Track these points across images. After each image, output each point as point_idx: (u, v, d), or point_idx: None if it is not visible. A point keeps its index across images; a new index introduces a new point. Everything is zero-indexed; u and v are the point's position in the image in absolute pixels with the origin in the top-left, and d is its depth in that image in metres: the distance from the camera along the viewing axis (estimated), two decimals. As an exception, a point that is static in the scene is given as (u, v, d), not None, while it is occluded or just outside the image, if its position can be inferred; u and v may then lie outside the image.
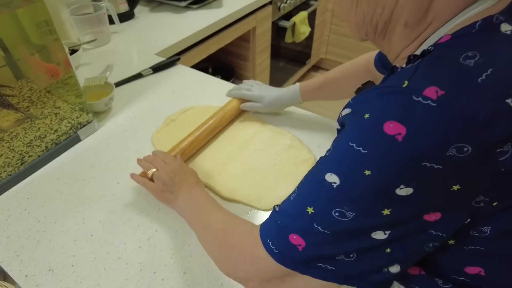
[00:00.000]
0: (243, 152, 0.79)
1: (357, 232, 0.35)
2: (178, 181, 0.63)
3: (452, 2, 0.35)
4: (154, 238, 0.63)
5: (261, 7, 1.61)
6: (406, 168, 0.31)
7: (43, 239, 0.62)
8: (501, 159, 0.30)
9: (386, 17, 0.40)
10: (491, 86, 0.30)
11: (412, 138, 0.30)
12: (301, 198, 0.38)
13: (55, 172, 0.75)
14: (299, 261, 0.38)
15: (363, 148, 0.32)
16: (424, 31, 0.39)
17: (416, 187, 0.32)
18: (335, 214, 0.35)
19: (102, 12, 1.17)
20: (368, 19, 0.41)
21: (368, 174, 0.32)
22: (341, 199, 0.34)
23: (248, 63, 1.79)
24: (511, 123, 0.30)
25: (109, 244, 0.62)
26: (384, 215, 0.34)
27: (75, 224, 0.65)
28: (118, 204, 0.68)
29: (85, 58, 1.13)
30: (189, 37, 1.24)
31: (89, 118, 0.84)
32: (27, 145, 0.75)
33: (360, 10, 0.42)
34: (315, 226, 0.36)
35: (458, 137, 0.30)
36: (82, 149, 0.81)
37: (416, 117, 0.30)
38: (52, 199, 0.69)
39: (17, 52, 0.70)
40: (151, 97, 0.97)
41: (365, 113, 0.33)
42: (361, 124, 0.33)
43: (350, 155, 0.33)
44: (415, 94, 0.31)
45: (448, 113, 0.30)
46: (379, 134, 0.31)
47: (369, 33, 0.43)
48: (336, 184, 0.34)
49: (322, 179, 0.36)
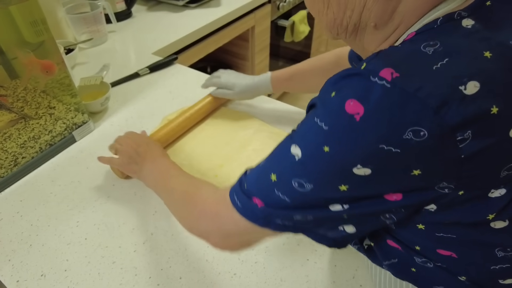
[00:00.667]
0: (241, 153, 0.78)
1: (315, 202, 0.37)
2: (142, 152, 0.66)
3: (418, 4, 0.37)
4: (149, 241, 0.61)
5: (260, 6, 1.59)
6: (363, 148, 0.32)
7: (36, 243, 0.61)
8: (461, 146, 0.31)
9: (355, 19, 0.41)
10: (445, 74, 0.31)
11: (368, 118, 0.31)
12: (268, 166, 0.40)
13: (49, 174, 0.74)
14: (259, 217, 0.40)
15: (324, 124, 0.34)
16: (394, 31, 0.40)
17: (374, 168, 0.33)
18: (294, 184, 0.36)
19: (99, 11, 1.15)
20: (339, 21, 0.43)
21: (327, 151, 0.34)
22: (301, 171, 0.36)
23: (247, 62, 1.77)
24: (466, 109, 0.30)
25: (103, 248, 0.60)
26: (342, 191, 0.35)
27: (69, 227, 0.63)
28: (113, 207, 0.67)
29: (81, 57, 1.11)
30: (186, 36, 1.22)
31: (85, 119, 0.82)
32: (20, 146, 0.73)
33: (331, 12, 0.43)
34: (275, 192, 0.38)
35: (412, 120, 0.30)
36: (77, 150, 0.79)
37: (373, 97, 0.31)
38: (45, 202, 0.68)
39: (11, 51, 0.69)
40: (148, 97, 0.95)
41: (332, 91, 0.34)
42: (327, 101, 0.35)
43: (314, 130, 0.35)
44: (372, 74, 0.32)
45: (401, 95, 0.30)
46: (340, 111, 0.32)
47: (341, 33, 0.45)
48: (298, 157, 0.36)
49: (288, 150, 0.37)
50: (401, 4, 0.38)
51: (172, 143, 0.81)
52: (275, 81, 0.83)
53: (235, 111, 0.90)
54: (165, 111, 0.90)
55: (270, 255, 0.59)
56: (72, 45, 1.08)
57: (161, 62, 1.06)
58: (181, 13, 1.37)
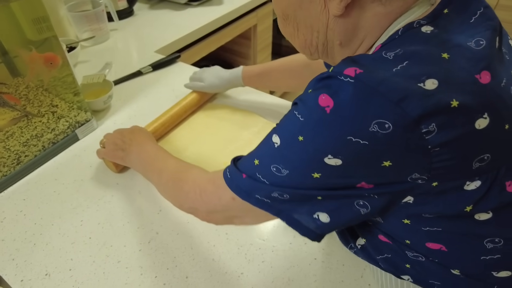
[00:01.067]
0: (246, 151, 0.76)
1: (290, 185, 0.39)
2: (128, 139, 0.68)
3: (378, 18, 0.40)
4: (155, 240, 0.60)
5: (262, 4, 1.58)
6: (333, 139, 0.34)
7: (40, 242, 0.60)
8: (427, 137, 0.32)
9: (322, 39, 0.45)
10: (405, 73, 0.33)
11: (337, 111, 0.33)
12: (254, 152, 0.44)
13: (52, 172, 0.73)
14: (242, 189, 0.43)
15: (301, 116, 0.36)
16: (360, 45, 0.43)
17: (344, 159, 0.35)
18: (272, 169, 0.39)
19: (101, 9, 1.14)
20: (309, 42, 0.46)
21: (301, 140, 0.36)
22: (278, 158, 0.39)
23: (249, 61, 1.77)
24: (426, 102, 0.31)
25: (108, 247, 0.59)
26: (315, 178, 0.37)
27: (73, 226, 0.63)
28: (118, 205, 0.66)
29: (84, 55, 1.11)
30: (189, 34, 1.22)
31: (87, 117, 0.81)
32: (23, 144, 0.72)
33: (301, 34, 0.46)
34: (257, 175, 0.41)
35: (376, 113, 0.32)
36: (80, 149, 0.78)
37: (341, 92, 0.33)
38: (49, 201, 0.67)
39: (13, 49, 0.68)
40: (150, 95, 0.95)
41: (309, 89, 0.38)
42: (305, 97, 0.37)
43: (292, 121, 0.38)
44: (338, 74, 0.34)
45: (364, 88, 0.32)
46: (314, 104, 0.35)
47: (313, 53, 0.48)
48: (277, 145, 0.39)
49: (270, 139, 0.40)
50: (361, 21, 0.40)
51: (176, 143, 0.80)
52: (246, 76, 0.85)
53: (239, 110, 0.89)
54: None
55: (277, 254, 0.59)
56: (74, 43, 1.07)
57: (164, 60, 1.06)
58: (183, 11, 1.36)
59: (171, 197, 0.56)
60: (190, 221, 0.63)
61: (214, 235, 0.61)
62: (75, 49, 1.04)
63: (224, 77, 0.86)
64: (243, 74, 0.85)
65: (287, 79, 0.83)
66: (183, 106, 0.85)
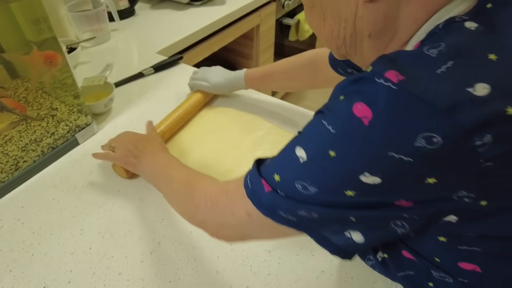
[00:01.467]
0: (250, 157, 0.75)
1: (319, 203, 0.35)
2: (141, 146, 0.66)
3: (415, 8, 0.35)
4: (157, 251, 0.58)
5: (265, 4, 1.56)
6: (372, 155, 0.30)
7: (38, 252, 0.58)
8: (480, 151, 0.28)
9: (350, 30, 0.40)
10: (451, 77, 0.29)
11: (377, 123, 0.29)
12: (273, 165, 0.39)
13: (51, 178, 0.71)
14: (263, 204, 0.39)
15: (332, 127, 0.32)
16: (392, 39, 0.39)
17: (383, 177, 0.31)
18: (298, 186, 0.35)
19: (102, 9, 1.12)
20: (336, 33, 0.42)
21: (333, 155, 0.32)
22: (305, 174, 0.35)
23: (252, 61, 1.74)
24: (480, 110, 0.28)
25: (109, 258, 0.57)
26: (348, 196, 0.33)
27: (72, 236, 0.61)
28: (119, 214, 0.64)
29: (84, 56, 1.08)
30: (191, 35, 1.19)
31: (88, 121, 0.79)
32: (22, 149, 0.70)
33: (328, 24, 0.42)
34: (279, 192, 0.37)
35: (423, 125, 0.28)
36: (81, 154, 0.76)
37: (380, 100, 0.30)
38: (48, 208, 0.65)
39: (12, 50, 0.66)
40: (152, 97, 0.92)
41: (340, 95, 0.33)
42: (335, 105, 0.33)
43: (320, 132, 0.34)
44: (377, 75, 0.30)
45: (408, 98, 0.29)
46: (348, 115, 0.31)
47: (340, 47, 0.43)
48: (303, 160, 0.35)
49: (293, 151, 0.36)
50: (395, 9, 0.36)
51: (179, 147, 0.78)
52: (248, 78, 0.83)
53: (242, 113, 0.87)
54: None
55: (284, 267, 0.57)
56: (74, 44, 1.05)
57: (166, 61, 1.03)
58: (185, 11, 1.34)
59: (181, 208, 0.53)
60: (193, 231, 0.61)
61: (218, 246, 0.59)
62: (76, 50, 1.02)
63: (229, 79, 0.85)
64: (245, 77, 0.84)
65: (289, 80, 0.82)
66: (188, 108, 0.84)
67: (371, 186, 0.31)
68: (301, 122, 0.84)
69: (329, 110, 0.34)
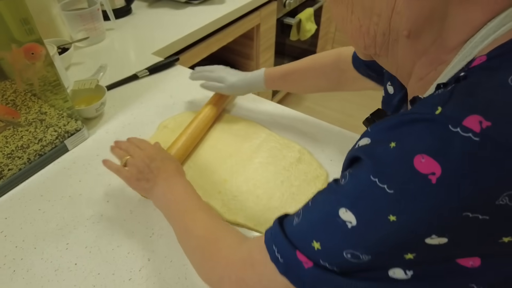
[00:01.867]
0: (247, 166, 0.71)
1: (371, 270, 0.31)
2: (155, 168, 0.57)
3: (468, 7, 0.29)
4: (146, 268, 0.55)
5: (265, 3, 1.52)
6: (442, 217, 0.26)
7: (20, 269, 0.55)
8: None
9: (383, 26, 0.34)
10: None
11: (449, 181, 0.24)
12: (308, 229, 0.33)
13: (38, 187, 0.68)
14: (305, 282, 0.33)
15: (388, 186, 0.27)
16: (434, 43, 0.33)
17: (452, 237, 0.26)
18: (346, 255, 0.30)
19: (96, 8, 1.08)
20: (365, 29, 0.36)
21: (393, 220, 0.27)
22: (356, 242, 0.30)
23: (252, 61, 1.71)
24: None
25: (95, 275, 0.54)
26: (407, 259, 0.29)
27: (57, 251, 0.57)
28: (107, 227, 0.61)
29: (77, 57, 1.05)
30: (189, 35, 1.16)
31: (78, 126, 0.76)
32: (7, 156, 0.67)
33: (356, 18, 0.36)
34: (321, 262, 0.31)
35: (510, 180, 0.23)
36: (70, 161, 0.73)
37: (454, 153, 0.24)
38: (33, 220, 0.62)
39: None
40: (146, 101, 0.89)
41: (391, 141, 0.27)
42: (386, 155, 0.28)
43: (372, 192, 0.28)
44: (452, 123, 0.24)
45: (495, 150, 0.23)
46: (408, 170, 0.26)
47: (368, 47, 0.38)
48: (352, 225, 0.29)
49: (335, 214, 0.30)
50: (443, 6, 0.30)
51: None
52: (268, 78, 0.77)
53: (239, 118, 0.83)
54: (165, 117, 0.83)
55: None
56: (67, 44, 1.01)
57: (162, 63, 1.00)
58: (184, 10, 1.30)
59: (201, 273, 0.47)
60: (185, 247, 0.57)
61: (211, 263, 0.56)
62: (69, 50, 0.99)
63: (246, 79, 0.78)
64: (265, 76, 0.77)
65: (312, 79, 0.75)
66: (205, 120, 0.77)
67: (435, 247, 0.27)
68: (302, 129, 0.80)
69: (376, 160, 0.28)
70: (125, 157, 0.60)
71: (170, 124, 0.81)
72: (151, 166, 0.57)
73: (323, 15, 2.14)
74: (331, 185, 0.34)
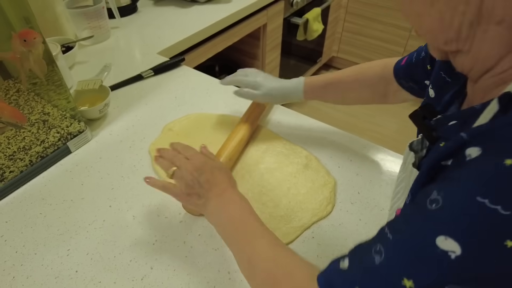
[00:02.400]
0: (253, 171, 0.70)
1: None
2: (205, 182, 0.52)
3: None
4: (148, 277, 0.54)
5: (272, 2, 1.50)
6: None
7: (20, 275, 0.54)
8: None
9: (471, 15, 0.30)
10: None
11: None
12: (394, 264, 0.29)
13: (39, 190, 0.66)
14: None
15: (503, 207, 0.24)
16: None
17: None
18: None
19: (102, 6, 1.07)
20: (448, 22, 0.32)
21: (511, 246, 0.24)
22: (462, 274, 0.26)
23: (258, 61, 1.69)
24: None
25: (96, 283, 0.53)
26: None
27: (58, 257, 0.56)
28: (109, 233, 0.59)
29: (82, 55, 1.04)
30: (195, 34, 1.14)
31: (81, 128, 0.75)
32: (9, 158, 0.66)
33: (436, 11, 0.32)
34: None
35: None
36: (72, 163, 0.72)
37: None
38: (34, 224, 0.61)
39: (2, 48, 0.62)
40: (151, 102, 0.87)
41: (505, 157, 0.24)
42: (498, 172, 0.24)
43: (479, 215, 0.25)
44: None
45: None
46: None
47: (450, 41, 0.33)
48: (456, 254, 0.25)
49: (431, 244, 0.27)
50: None
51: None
52: (308, 88, 0.72)
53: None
54: (169, 119, 0.82)
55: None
56: (72, 43, 1.00)
57: (167, 63, 0.98)
58: (190, 9, 1.29)
59: None
60: (188, 256, 0.56)
61: (214, 274, 0.54)
62: (73, 49, 0.97)
63: (283, 88, 0.72)
64: (305, 86, 0.72)
65: (357, 90, 0.70)
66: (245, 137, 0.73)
67: None
68: (308, 133, 0.78)
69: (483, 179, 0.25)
70: (172, 169, 0.55)
71: (175, 127, 0.79)
72: (200, 180, 0.52)
73: (331, 15, 2.11)
74: (411, 209, 0.30)
